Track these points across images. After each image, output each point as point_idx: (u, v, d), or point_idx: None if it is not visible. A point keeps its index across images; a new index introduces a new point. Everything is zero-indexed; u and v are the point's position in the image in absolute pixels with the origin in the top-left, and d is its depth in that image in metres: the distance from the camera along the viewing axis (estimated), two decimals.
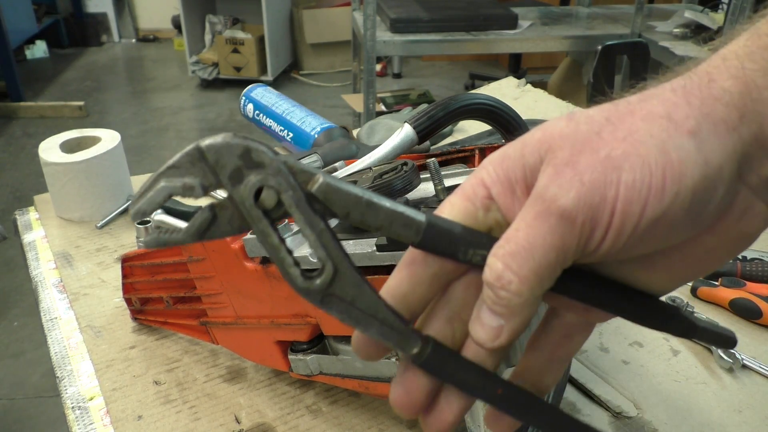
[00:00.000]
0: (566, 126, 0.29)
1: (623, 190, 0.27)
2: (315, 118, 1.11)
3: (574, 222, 0.27)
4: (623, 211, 0.27)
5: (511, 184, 0.30)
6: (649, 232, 0.27)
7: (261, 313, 0.56)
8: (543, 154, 0.29)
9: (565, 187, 0.27)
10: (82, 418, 0.60)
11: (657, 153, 0.27)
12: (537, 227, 0.28)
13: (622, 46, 1.10)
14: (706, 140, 0.27)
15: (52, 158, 0.90)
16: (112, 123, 3.82)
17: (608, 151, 0.27)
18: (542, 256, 0.28)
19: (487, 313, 0.30)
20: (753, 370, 0.67)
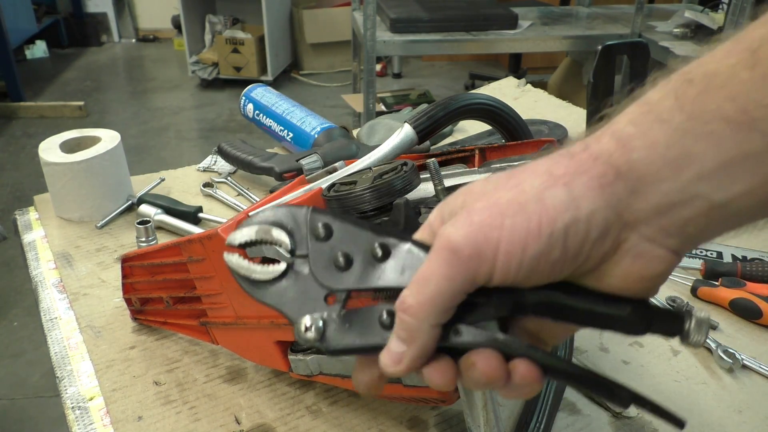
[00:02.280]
0: (479, 183, 0.35)
1: (506, 233, 0.32)
2: (315, 118, 1.11)
3: (461, 256, 0.32)
4: (506, 251, 0.32)
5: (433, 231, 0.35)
6: (535, 267, 0.32)
7: (261, 313, 0.56)
8: (460, 203, 0.35)
9: (457, 226, 0.33)
10: (82, 418, 0.60)
11: (534, 201, 0.32)
12: (434, 260, 0.33)
13: (622, 46, 1.10)
14: (578, 191, 0.32)
15: (52, 158, 0.90)
16: (112, 123, 3.82)
17: (496, 199, 0.33)
18: (435, 284, 0.33)
19: (393, 341, 0.35)
20: (753, 370, 0.67)
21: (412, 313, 0.33)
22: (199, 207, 0.93)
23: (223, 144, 1.05)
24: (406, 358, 0.34)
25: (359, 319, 0.36)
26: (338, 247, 0.37)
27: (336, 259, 0.37)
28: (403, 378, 0.48)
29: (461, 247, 0.32)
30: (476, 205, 0.33)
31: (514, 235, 0.32)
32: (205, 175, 1.08)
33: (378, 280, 0.36)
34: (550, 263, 0.32)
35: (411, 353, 0.34)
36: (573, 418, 0.61)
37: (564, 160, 0.33)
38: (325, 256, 0.37)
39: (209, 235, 0.55)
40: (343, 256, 0.37)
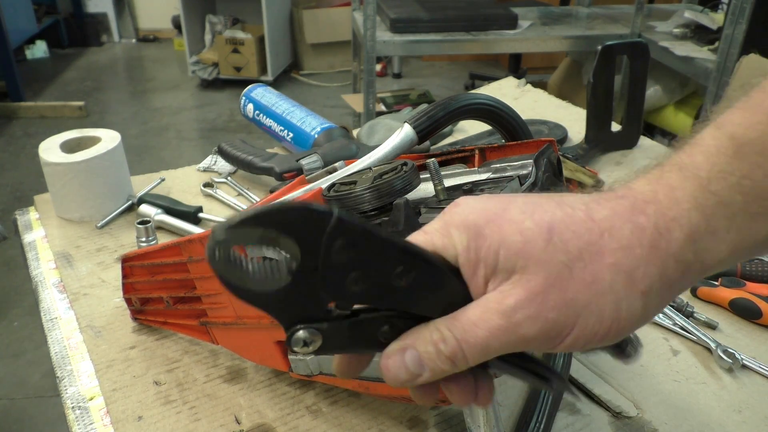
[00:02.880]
0: (544, 249, 0.32)
1: (576, 331, 0.32)
2: (315, 118, 1.11)
3: (529, 342, 0.32)
4: (569, 345, 0.32)
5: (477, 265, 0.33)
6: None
7: (261, 313, 0.56)
8: (516, 267, 0.32)
9: (531, 319, 0.31)
10: (82, 418, 0.60)
11: (612, 307, 0.32)
12: (498, 336, 0.32)
13: (622, 46, 1.10)
14: (653, 299, 0.32)
15: (52, 158, 0.90)
16: (112, 123, 3.82)
17: (574, 295, 0.32)
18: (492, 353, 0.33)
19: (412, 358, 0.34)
20: (753, 370, 0.67)
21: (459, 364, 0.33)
22: (199, 207, 0.93)
23: (223, 144, 1.05)
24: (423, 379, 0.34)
25: (360, 332, 0.34)
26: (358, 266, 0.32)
27: (351, 278, 0.32)
28: None
29: (531, 339, 0.32)
30: (550, 293, 0.32)
31: (582, 335, 0.32)
32: (205, 175, 1.08)
33: (389, 301, 0.33)
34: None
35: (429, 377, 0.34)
36: (573, 418, 0.61)
37: (641, 252, 0.32)
38: (340, 274, 0.31)
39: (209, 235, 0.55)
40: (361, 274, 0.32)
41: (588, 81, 1.08)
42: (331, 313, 0.33)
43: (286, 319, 0.33)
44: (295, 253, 0.31)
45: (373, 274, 0.32)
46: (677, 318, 0.73)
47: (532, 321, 0.31)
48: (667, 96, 2.52)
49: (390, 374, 0.34)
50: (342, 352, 0.36)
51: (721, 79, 1.99)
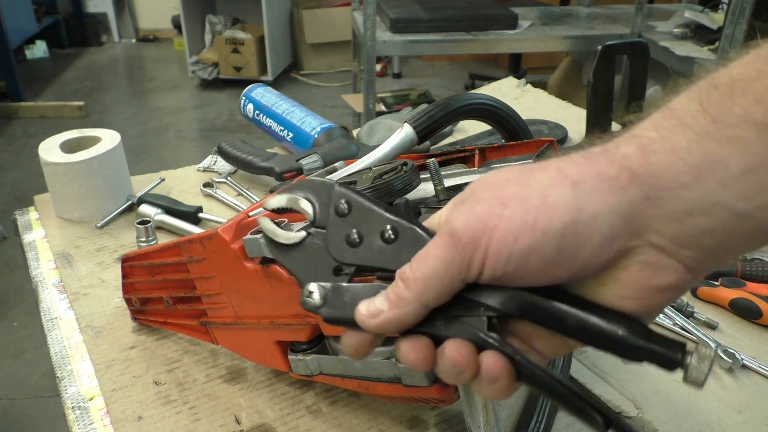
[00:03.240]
0: (491, 175, 0.35)
1: (503, 222, 0.32)
2: (315, 118, 1.11)
3: (458, 241, 0.33)
4: (499, 240, 0.32)
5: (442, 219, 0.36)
6: (525, 262, 0.32)
7: (261, 313, 0.56)
8: (468, 194, 0.35)
9: (461, 212, 0.34)
10: (82, 418, 0.60)
11: (537, 196, 0.32)
12: (435, 243, 0.34)
13: (622, 46, 1.10)
14: (585, 192, 0.31)
15: (52, 158, 0.90)
16: (112, 123, 3.82)
17: (503, 191, 0.33)
18: (432, 265, 0.34)
19: (379, 297, 0.36)
20: (753, 370, 0.67)
21: (408, 285, 0.35)
22: (199, 207, 0.93)
23: (223, 144, 1.05)
24: (382, 316, 0.35)
25: (360, 294, 0.38)
26: (354, 223, 0.40)
27: (349, 235, 0.40)
28: (404, 378, 0.48)
29: (459, 233, 0.33)
30: (483, 195, 0.34)
31: (509, 224, 0.32)
32: (205, 175, 1.08)
33: (381, 260, 0.39)
34: (542, 261, 0.32)
35: (388, 315, 0.35)
36: (573, 418, 0.61)
37: (579, 160, 0.33)
38: (341, 231, 0.40)
39: (209, 235, 0.55)
40: (357, 233, 0.40)
41: (588, 81, 1.08)
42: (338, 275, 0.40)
43: (304, 278, 0.41)
44: (309, 213, 0.42)
45: (365, 231, 0.39)
46: (677, 318, 0.73)
47: (461, 214, 0.33)
48: None
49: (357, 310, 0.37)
50: (343, 316, 0.38)
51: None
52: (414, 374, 0.47)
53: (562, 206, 0.31)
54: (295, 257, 0.43)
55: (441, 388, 0.48)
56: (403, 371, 0.48)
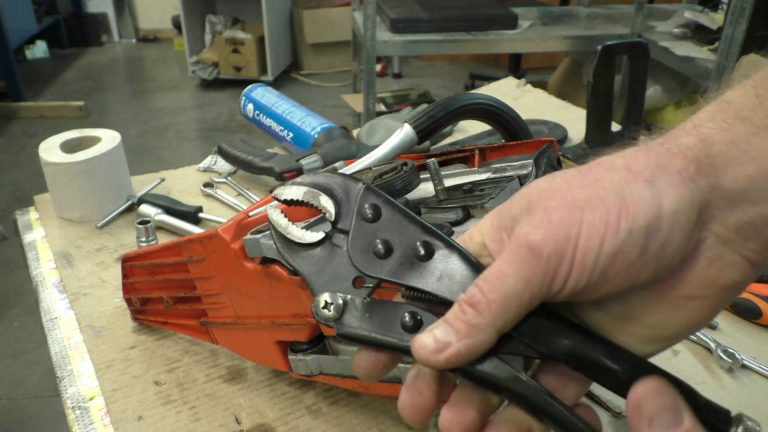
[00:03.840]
0: (544, 181, 0.33)
1: (584, 228, 0.30)
2: (315, 118, 1.11)
3: (541, 255, 0.30)
4: (584, 246, 0.30)
5: (501, 232, 0.34)
6: (612, 266, 0.30)
7: (261, 313, 0.56)
8: (524, 205, 0.33)
9: (535, 225, 0.31)
10: (83, 418, 0.60)
11: (614, 196, 0.30)
12: (509, 260, 0.31)
13: (622, 46, 1.10)
14: (660, 187, 0.30)
15: (52, 158, 0.90)
16: (112, 123, 3.82)
17: (573, 196, 0.31)
18: (511, 285, 0.31)
19: (441, 327, 0.32)
20: (753, 370, 0.67)
21: (480, 309, 0.31)
22: (199, 207, 0.93)
23: (223, 144, 1.05)
24: (451, 349, 0.31)
25: (381, 313, 0.35)
26: (382, 232, 0.36)
27: (375, 245, 0.35)
28: (403, 378, 0.48)
29: (540, 247, 0.30)
30: (551, 203, 0.31)
31: (592, 229, 0.30)
32: (205, 175, 1.08)
33: (413, 279, 0.34)
34: (628, 263, 0.30)
35: (459, 347, 0.31)
36: None
37: (641, 155, 0.32)
38: (366, 239, 0.36)
39: (209, 235, 0.55)
40: (384, 243, 0.35)
41: (588, 81, 1.08)
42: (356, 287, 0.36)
43: (317, 284, 0.36)
44: (330, 212, 0.37)
45: (395, 242, 0.35)
46: None
47: (536, 226, 0.31)
48: (667, 96, 2.52)
49: (417, 344, 0.32)
50: (361, 333, 0.35)
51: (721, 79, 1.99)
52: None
53: (643, 204, 0.30)
54: (307, 259, 0.37)
55: None
56: (403, 371, 0.48)
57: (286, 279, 0.50)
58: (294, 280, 0.50)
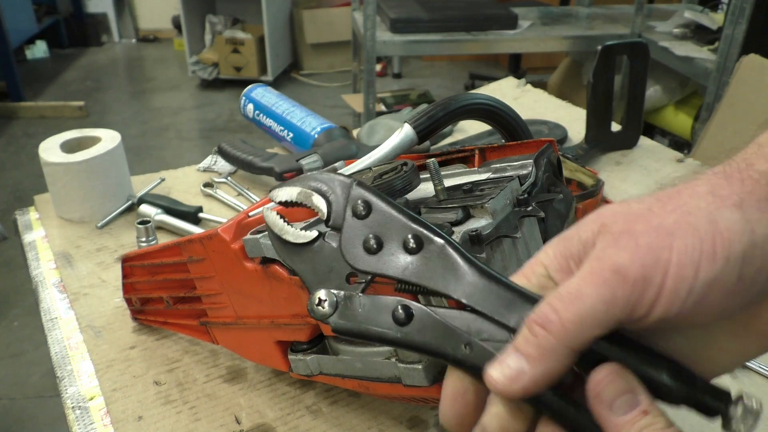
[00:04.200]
0: (618, 206, 0.32)
1: (676, 255, 0.29)
2: (315, 118, 1.11)
3: (626, 278, 0.29)
4: (676, 274, 0.28)
5: (567, 261, 0.32)
6: (707, 295, 0.29)
7: (261, 313, 0.56)
8: (597, 230, 0.31)
9: (621, 247, 0.29)
10: (83, 418, 0.60)
11: (706, 222, 0.29)
12: (590, 280, 0.29)
13: (622, 46, 1.10)
14: (750, 213, 0.29)
15: (52, 158, 0.90)
16: (112, 123, 3.82)
17: (660, 221, 0.30)
18: (590, 305, 0.29)
19: (512, 355, 0.30)
20: (753, 370, 0.67)
21: (552, 330, 0.29)
22: (199, 207, 0.93)
23: (223, 144, 1.05)
24: (526, 378, 0.30)
25: (374, 306, 0.36)
26: (373, 227, 0.37)
27: (367, 240, 0.36)
28: (404, 378, 0.48)
29: (627, 270, 0.29)
30: (635, 227, 0.30)
31: (686, 256, 0.28)
32: (205, 175, 1.08)
33: (403, 272, 0.35)
34: (723, 292, 0.29)
35: (533, 373, 0.30)
36: None
37: (724, 182, 0.31)
38: (358, 235, 0.37)
39: (209, 235, 0.55)
40: (375, 238, 0.36)
41: (588, 81, 1.08)
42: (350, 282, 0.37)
43: (313, 282, 0.38)
44: (323, 211, 0.38)
45: (385, 237, 0.36)
46: None
47: (622, 248, 0.29)
48: (667, 96, 2.52)
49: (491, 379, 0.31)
50: (354, 327, 0.35)
51: (721, 79, 1.99)
52: (414, 374, 0.47)
53: (736, 229, 0.29)
54: (303, 258, 0.39)
55: (441, 388, 0.48)
56: (403, 371, 0.48)
57: (286, 279, 0.50)
58: (294, 280, 0.50)
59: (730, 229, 0.29)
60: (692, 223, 0.29)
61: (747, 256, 0.29)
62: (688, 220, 0.29)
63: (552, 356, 0.29)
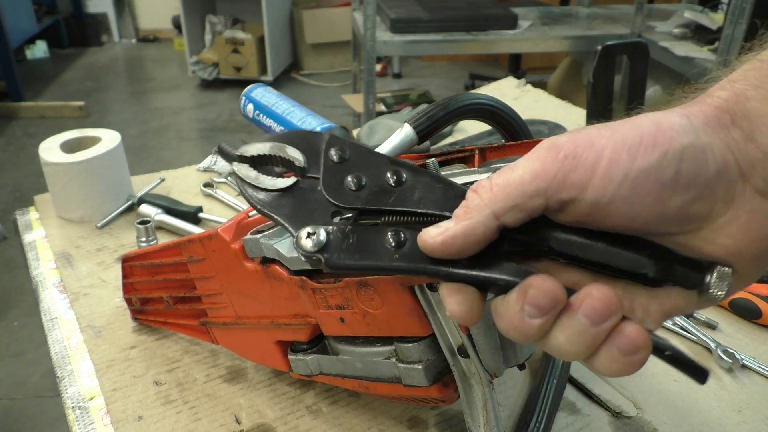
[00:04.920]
0: (569, 132, 0.32)
1: (613, 143, 0.29)
2: (315, 118, 1.11)
3: (557, 154, 0.30)
4: (611, 158, 0.29)
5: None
6: (641, 185, 0.29)
7: (261, 313, 0.56)
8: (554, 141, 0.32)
9: (561, 136, 0.31)
10: (83, 418, 0.60)
11: (650, 123, 0.30)
12: (527, 157, 0.31)
13: (622, 46, 1.10)
14: (696, 123, 0.30)
15: (52, 158, 0.90)
16: (112, 123, 3.82)
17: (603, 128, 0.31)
18: (520, 174, 0.30)
19: (446, 221, 0.32)
20: (753, 370, 0.67)
21: (481, 192, 0.31)
22: (199, 207, 0.93)
23: (223, 144, 1.05)
24: (449, 231, 0.31)
25: (365, 238, 0.35)
26: (351, 170, 0.37)
27: (347, 181, 0.37)
28: (404, 378, 0.48)
29: (560, 146, 0.30)
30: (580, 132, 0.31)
31: (624, 145, 0.29)
32: (205, 175, 1.08)
33: (389, 203, 0.36)
34: (659, 186, 0.29)
35: (456, 229, 0.31)
36: (573, 418, 0.61)
37: (676, 107, 0.32)
38: (337, 177, 0.37)
39: (209, 235, 0.55)
40: (355, 177, 0.37)
41: (588, 81, 1.08)
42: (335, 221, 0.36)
43: (296, 224, 0.36)
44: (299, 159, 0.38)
45: (365, 176, 0.37)
46: (677, 318, 0.73)
47: (564, 135, 0.31)
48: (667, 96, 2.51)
49: (422, 235, 0.32)
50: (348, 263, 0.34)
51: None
52: (414, 374, 0.47)
53: (680, 130, 0.30)
54: (283, 205, 0.38)
55: (441, 388, 0.48)
56: (403, 371, 0.48)
57: (286, 279, 0.50)
58: (294, 280, 0.50)
59: (673, 127, 0.30)
60: (636, 124, 0.30)
61: (687, 154, 0.29)
62: (635, 122, 0.30)
63: (475, 215, 0.31)
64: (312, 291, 0.49)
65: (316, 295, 0.49)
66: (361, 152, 0.38)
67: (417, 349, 0.46)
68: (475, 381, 0.47)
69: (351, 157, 0.38)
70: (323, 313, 0.50)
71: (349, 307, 0.47)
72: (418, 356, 0.47)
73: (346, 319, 0.48)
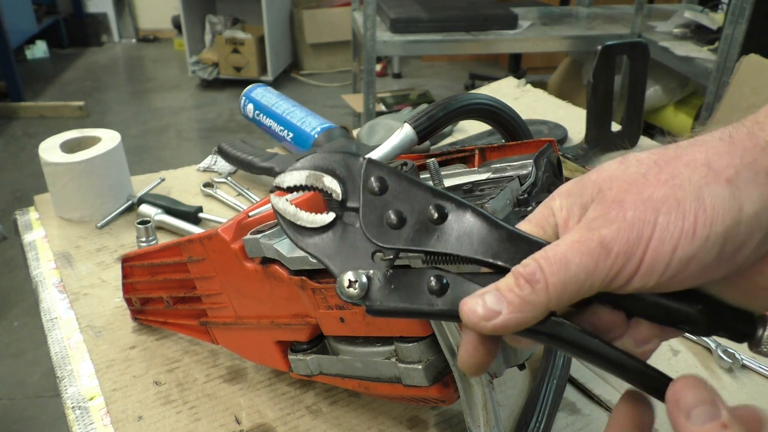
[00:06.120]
0: (617, 168, 0.33)
1: (658, 231, 0.30)
2: (315, 118, 1.11)
3: (609, 252, 0.30)
4: (655, 249, 0.30)
5: (569, 219, 0.34)
6: (683, 270, 0.30)
7: (261, 313, 0.56)
8: (595, 194, 0.33)
9: (609, 220, 0.31)
10: (83, 418, 0.60)
11: (692, 198, 0.30)
12: (577, 248, 0.31)
13: (622, 46, 1.10)
14: (743, 189, 0.29)
15: (52, 158, 0.90)
16: (112, 123, 3.82)
17: (651, 193, 0.31)
18: (573, 273, 0.31)
19: (493, 295, 0.32)
20: (753, 370, 0.67)
21: (539, 290, 0.31)
22: (199, 207, 0.93)
23: (223, 144, 1.05)
24: (500, 319, 0.31)
25: (406, 282, 0.34)
26: (392, 203, 0.35)
27: (388, 216, 0.35)
28: (404, 378, 0.48)
29: (612, 244, 0.30)
30: (626, 197, 0.31)
31: (666, 233, 0.30)
32: (205, 175, 1.08)
33: (431, 244, 0.34)
34: (701, 267, 0.30)
35: (508, 319, 0.31)
36: (573, 418, 0.61)
37: (725, 150, 0.31)
38: (377, 212, 0.35)
39: (209, 235, 0.55)
40: (396, 213, 0.35)
41: (588, 81, 1.08)
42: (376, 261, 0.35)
43: (336, 265, 0.35)
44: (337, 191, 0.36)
45: (406, 210, 0.35)
46: None
47: (609, 222, 0.31)
48: (667, 96, 2.52)
49: (466, 308, 0.33)
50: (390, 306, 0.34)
51: (721, 79, 1.99)
52: (414, 374, 0.47)
53: (722, 208, 0.29)
54: (322, 243, 0.36)
55: (441, 388, 0.48)
56: (403, 371, 0.48)
57: (286, 279, 0.50)
58: (294, 280, 0.50)
59: (715, 207, 0.29)
60: (679, 199, 0.30)
61: (728, 236, 0.29)
62: (677, 195, 0.30)
63: (529, 310, 0.31)
64: (312, 291, 0.49)
65: (316, 295, 0.49)
66: (401, 182, 0.36)
67: (417, 349, 0.46)
68: (475, 381, 0.47)
69: (391, 187, 0.36)
70: (323, 313, 0.50)
71: (349, 307, 0.47)
72: (418, 356, 0.47)
73: (346, 319, 0.48)
